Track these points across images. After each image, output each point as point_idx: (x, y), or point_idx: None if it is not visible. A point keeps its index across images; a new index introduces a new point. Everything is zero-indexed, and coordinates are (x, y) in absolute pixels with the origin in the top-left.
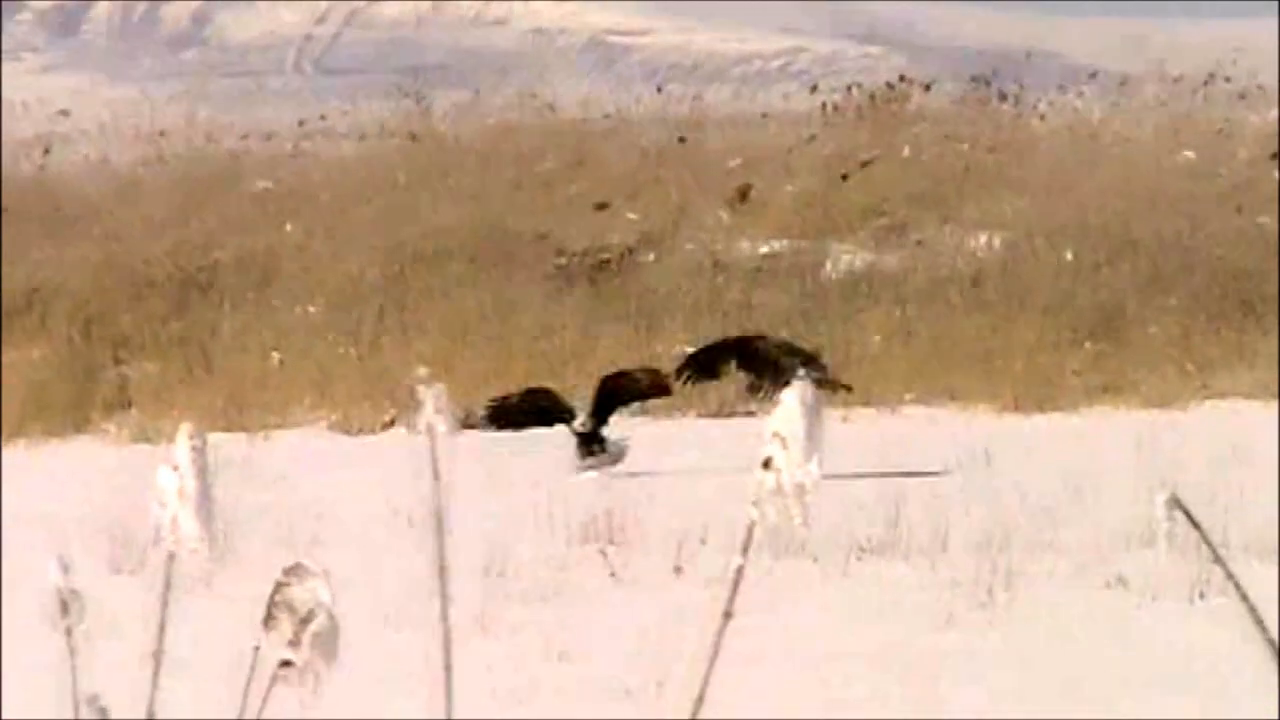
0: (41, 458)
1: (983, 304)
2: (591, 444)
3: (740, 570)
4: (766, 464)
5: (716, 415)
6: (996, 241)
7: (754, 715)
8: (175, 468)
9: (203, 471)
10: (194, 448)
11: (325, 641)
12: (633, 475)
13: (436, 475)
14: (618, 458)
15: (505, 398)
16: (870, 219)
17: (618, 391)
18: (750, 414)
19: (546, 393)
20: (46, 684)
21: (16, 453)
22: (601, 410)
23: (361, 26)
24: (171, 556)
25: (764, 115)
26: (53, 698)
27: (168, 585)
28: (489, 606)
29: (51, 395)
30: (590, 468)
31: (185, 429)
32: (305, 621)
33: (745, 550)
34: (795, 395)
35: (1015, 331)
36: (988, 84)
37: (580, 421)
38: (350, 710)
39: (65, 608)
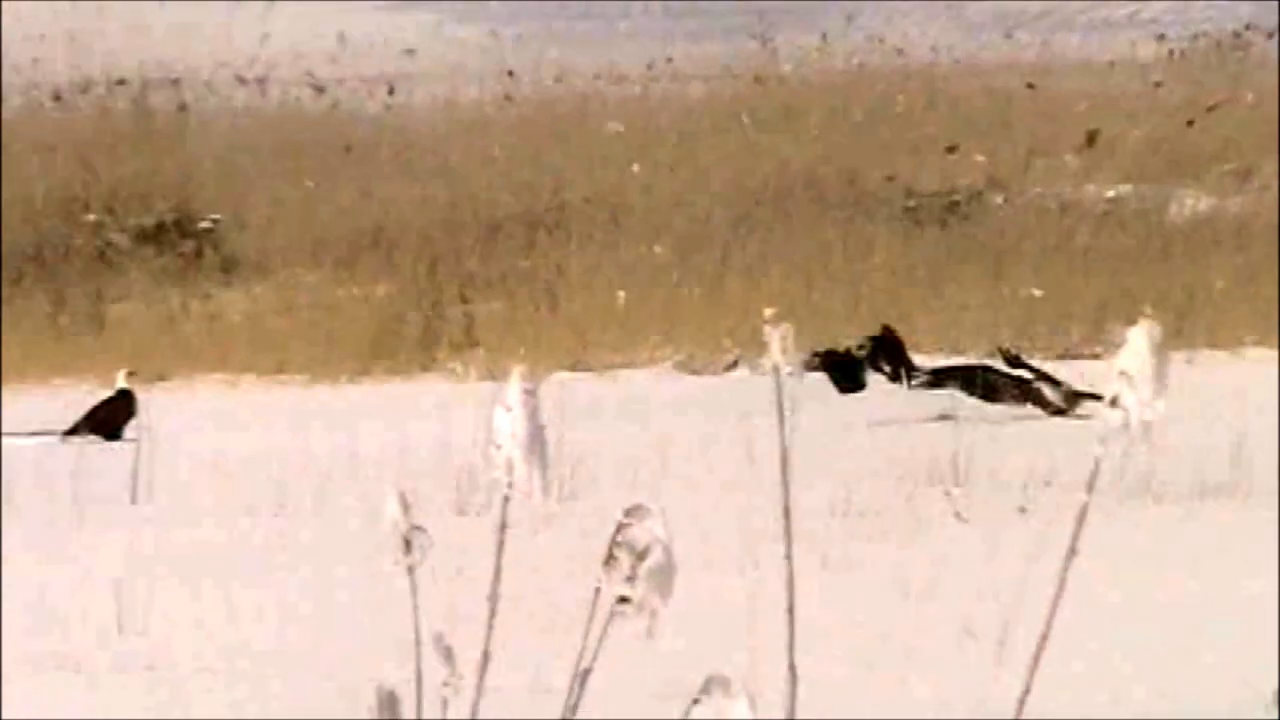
0: (388, 396)
1: None
2: (850, 379)
3: (1085, 507)
4: (1113, 402)
5: (1062, 358)
6: None
7: (1096, 654)
8: (509, 409)
9: (534, 414)
10: (525, 390)
11: (660, 578)
12: (980, 417)
13: (782, 416)
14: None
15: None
16: (1215, 164)
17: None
18: (1095, 356)
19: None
20: (389, 622)
21: (363, 390)
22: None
23: None
24: (507, 499)
25: (1111, 63)
26: (396, 635)
27: (504, 526)
28: (833, 546)
29: (397, 333)
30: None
31: (517, 371)
32: (642, 558)
33: (1090, 487)
34: (1142, 334)
35: None
36: None
37: (860, 346)
38: (694, 648)
39: (407, 546)
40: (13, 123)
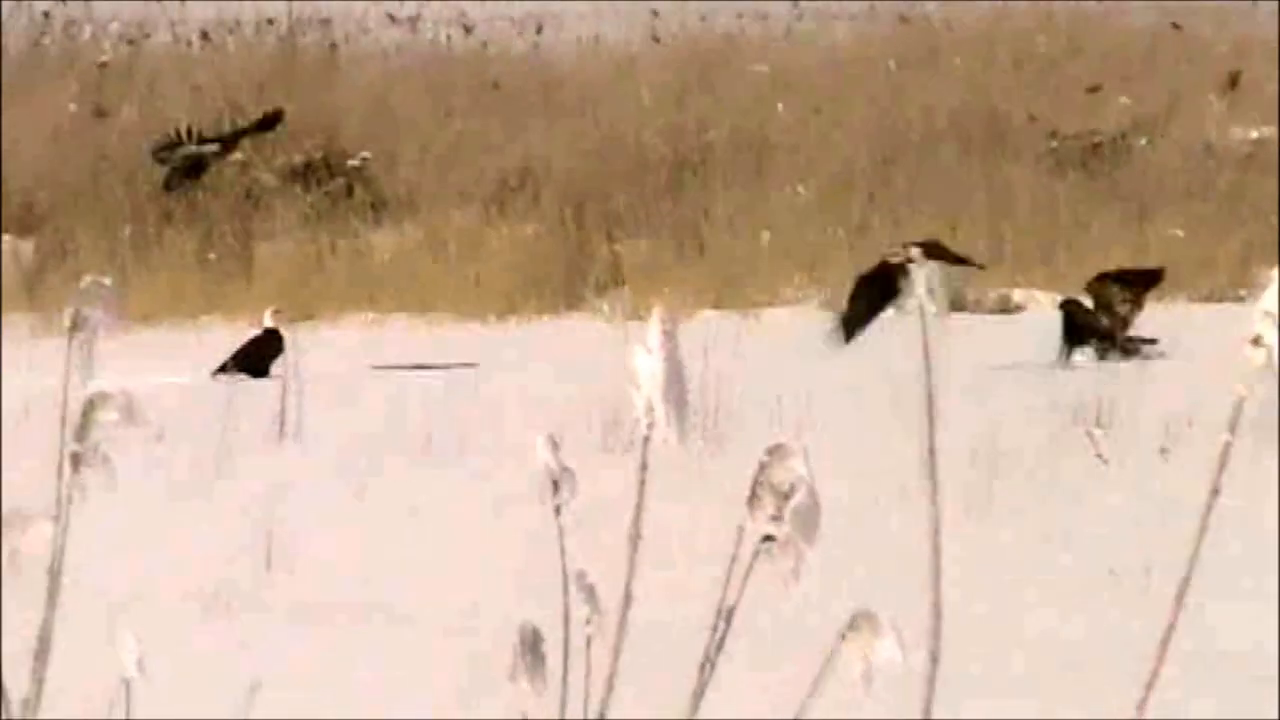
0: (534, 334)
1: None
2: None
3: (1228, 447)
4: (1256, 341)
5: (1208, 300)
6: None
7: (1237, 600)
8: (649, 350)
9: (673, 355)
10: (665, 331)
11: (805, 517)
12: (1124, 359)
13: (927, 357)
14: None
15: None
16: None
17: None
18: (1240, 299)
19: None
20: (534, 561)
21: (509, 328)
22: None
23: None
24: (647, 439)
25: (1255, 3)
26: (540, 574)
27: (644, 467)
28: (977, 490)
29: (544, 273)
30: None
31: (657, 311)
32: (786, 497)
33: (1233, 428)
34: None
35: None
36: None
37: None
38: (837, 593)
39: (555, 486)
40: (159, 61)
